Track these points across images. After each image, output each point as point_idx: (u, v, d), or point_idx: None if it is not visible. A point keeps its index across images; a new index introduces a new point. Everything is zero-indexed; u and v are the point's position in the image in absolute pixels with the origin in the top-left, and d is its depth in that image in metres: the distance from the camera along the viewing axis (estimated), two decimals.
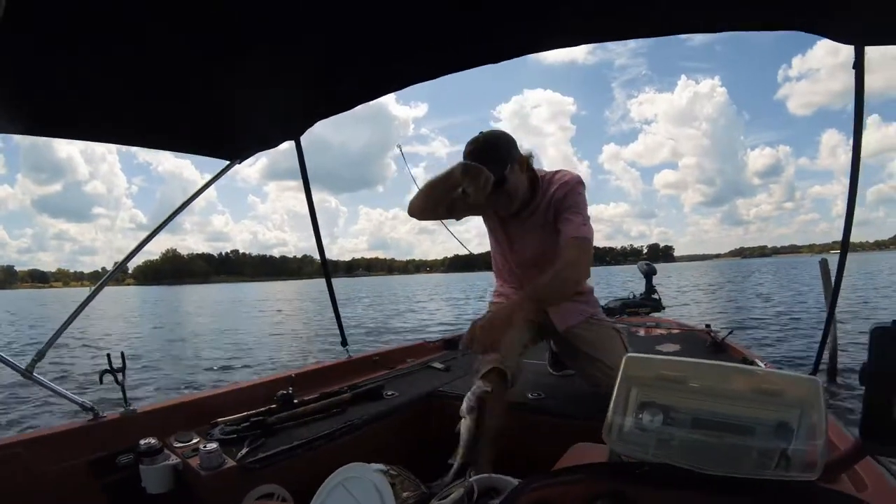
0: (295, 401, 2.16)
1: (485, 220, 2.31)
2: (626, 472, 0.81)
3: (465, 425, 1.77)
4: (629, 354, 0.93)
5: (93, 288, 2.10)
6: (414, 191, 2.12)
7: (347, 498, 1.08)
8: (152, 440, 1.72)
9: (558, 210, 2.00)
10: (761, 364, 2.24)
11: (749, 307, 17.77)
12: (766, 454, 0.76)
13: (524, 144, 1.98)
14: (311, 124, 2.27)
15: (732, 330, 2.98)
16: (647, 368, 0.89)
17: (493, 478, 1.29)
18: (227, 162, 2.38)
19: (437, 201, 2.04)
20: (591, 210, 2.05)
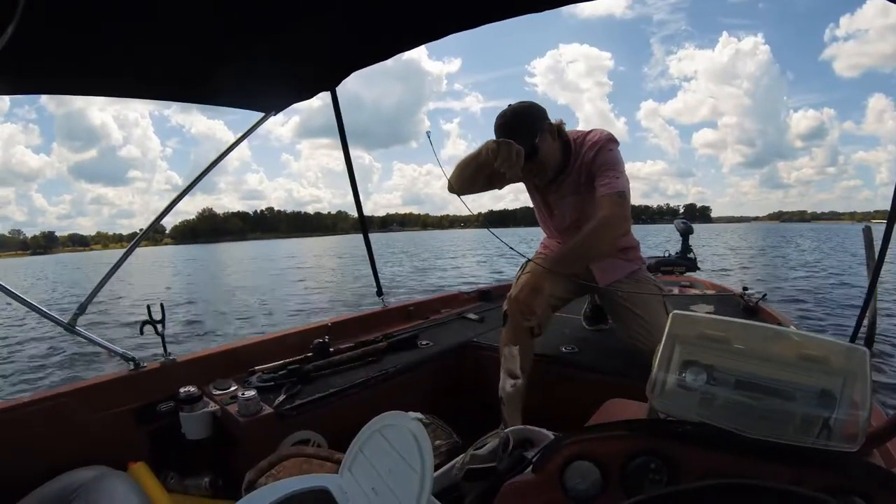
0: (331, 349, 2.19)
1: (526, 186, 2.30)
2: (667, 430, 0.79)
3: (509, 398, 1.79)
4: (676, 311, 0.90)
5: (129, 247, 2.12)
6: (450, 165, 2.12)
7: (384, 446, 1.09)
8: (191, 388, 1.77)
9: (591, 172, 1.97)
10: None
11: (786, 274, 17.13)
12: (807, 421, 0.73)
13: (560, 100, 2.02)
14: (346, 74, 2.22)
15: (765, 294, 2.91)
16: (693, 327, 0.87)
17: (527, 429, 1.29)
18: (262, 114, 2.36)
19: (471, 180, 2.04)
20: (628, 167, 1.99)
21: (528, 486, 0.86)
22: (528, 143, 1.85)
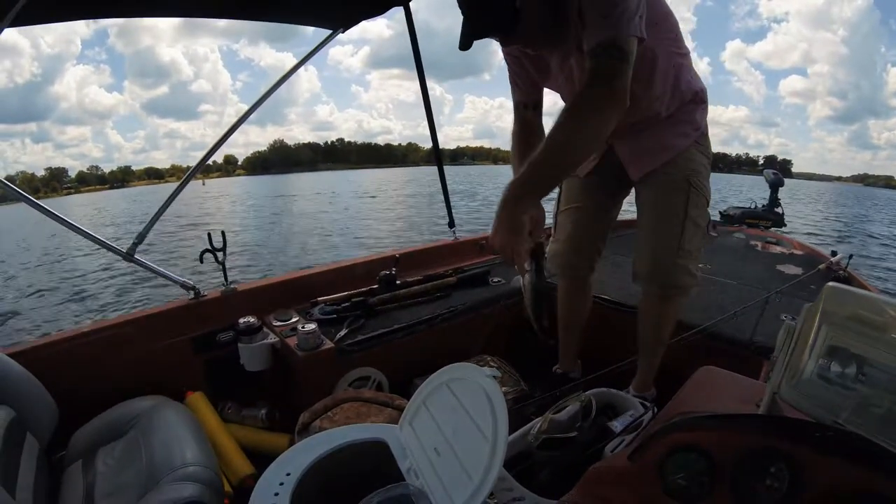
0: (398, 282, 2.08)
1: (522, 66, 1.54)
2: (805, 434, 0.63)
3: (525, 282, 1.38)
4: (830, 283, 0.71)
5: (204, 180, 2.04)
6: None
7: (451, 401, 0.98)
8: (251, 319, 1.71)
9: (583, 16, 1.20)
10: None
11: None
12: None
13: None
14: None
15: (851, 255, 2.68)
16: (846, 304, 0.69)
17: (611, 393, 1.17)
18: (330, 31, 2.21)
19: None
20: (709, 111, 1.56)
21: (621, 475, 0.73)
22: (505, 8, 1.18)
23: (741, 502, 0.63)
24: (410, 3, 2.19)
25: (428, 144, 2.64)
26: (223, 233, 1.81)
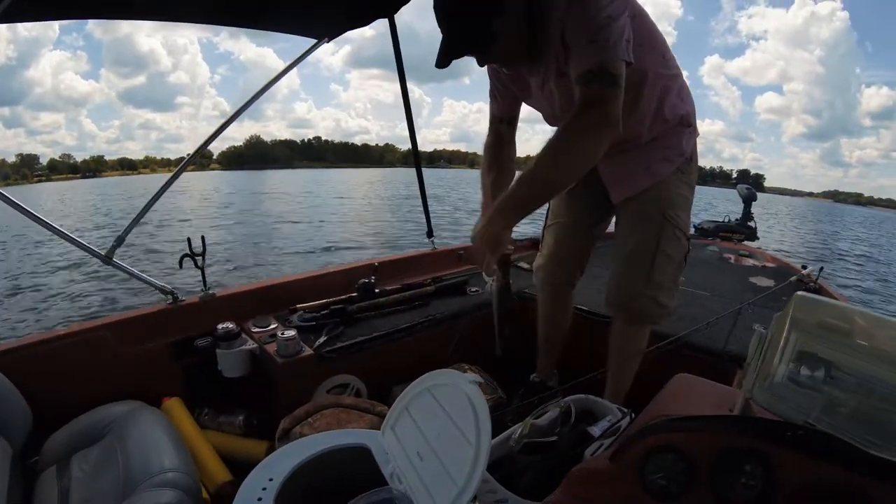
0: (377, 290, 2.09)
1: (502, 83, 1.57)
2: (777, 433, 0.66)
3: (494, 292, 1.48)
4: (799, 293, 0.75)
5: (173, 174, 2.03)
6: None
7: (434, 407, 0.99)
8: (230, 325, 1.71)
9: (566, 42, 1.22)
10: None
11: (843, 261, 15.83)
12: None
13: None
14: (406, 0, 2.06)
15: (822, 267, 2.74)
16: (815, 312, 0.73)
17: (590, 399, 1.19)
18: (315, 41, 2.21)
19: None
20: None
21: (602, 475, 0.76)
22: (478, 39, 1.22)
23: (719, 500, 0.66)
24: (395, 15, 2.20)
25: (405, 145, 2.65)
26: (203, 237, 1.81)
